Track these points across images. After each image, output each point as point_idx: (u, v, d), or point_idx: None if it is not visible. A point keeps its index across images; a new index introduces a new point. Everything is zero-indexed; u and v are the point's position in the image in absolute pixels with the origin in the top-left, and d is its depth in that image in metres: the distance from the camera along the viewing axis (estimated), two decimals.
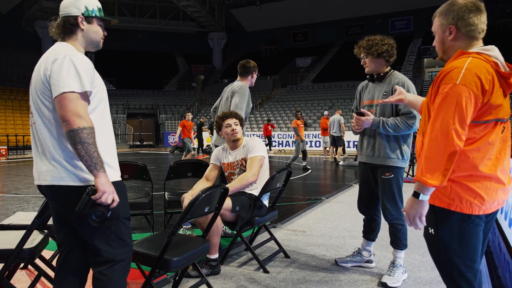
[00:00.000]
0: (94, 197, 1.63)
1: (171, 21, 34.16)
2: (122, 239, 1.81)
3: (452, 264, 1.66)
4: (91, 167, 1.65)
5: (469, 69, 1.53)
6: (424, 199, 1.60)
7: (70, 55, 1.72)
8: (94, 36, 1.90)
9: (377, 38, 2.87)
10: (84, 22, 1.85)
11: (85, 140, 1.63)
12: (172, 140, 24.12)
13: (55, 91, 1.66)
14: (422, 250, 3.59)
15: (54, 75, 1.68)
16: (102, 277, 1.77)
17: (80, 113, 1.64)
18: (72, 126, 1.62)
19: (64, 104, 1.64)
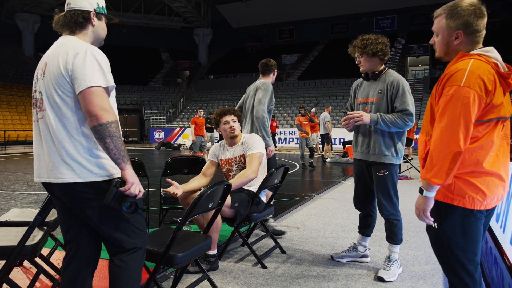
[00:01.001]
0: (123, 189, 1.66)
1: (156, 16, 33.76)
2: (139, 228, 1.86)
3: (455, 257, 1.73)
4: (119, 160, 1.67)
5: (472, 71, 1.59)
6: (428, 196, 1.67)
7: (91, 50, 1.73)
8: (101, 33, 1.93)
9: (371, 37, 2.92)
10: (95, 18, 1.87)
11: (114, 133, 1.65)
12: (157, 136, 23.91)
13: (80, 85, 1.66)
14: (415, 245, 3.68)
15: (78, 69, 1.67)
16: (122, 264, 1.82)
17: (107, 107, 1.66)
18: (101, 120, 1.63)
19: (91, 98, 1.64)
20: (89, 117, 1.66)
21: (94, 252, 1.93)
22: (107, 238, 1.85)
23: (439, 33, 1.76)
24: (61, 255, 3.12)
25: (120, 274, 1.83)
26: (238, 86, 30.40)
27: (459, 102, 1.58)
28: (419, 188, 1.70)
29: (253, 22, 34.56)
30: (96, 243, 1.92)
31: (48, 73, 1.75)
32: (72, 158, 1.72)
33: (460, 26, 1.68)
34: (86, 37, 1.86)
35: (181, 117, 27.40)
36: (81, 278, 1.86)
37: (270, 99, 3.91)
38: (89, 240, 1.89)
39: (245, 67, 32.43)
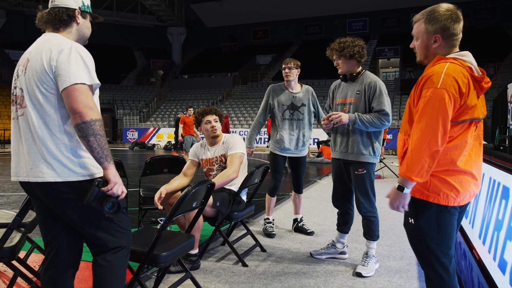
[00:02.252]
0: (106, 189, 1.64)
1: (129, 14, 33.10)
2: (124, 227, 1.85)
3: (430, 251, 1.82)
4: (102, 159, 1.65)
5: (447, 73, 1.68)
6: (407, 192, 1.75)
7: (76, 47, 1.70)
8: (86, 31, 1.91)
9: (348, 40, 3.01)
10: (80, 16, 1.84)
11: (98, 132, 1.63)
12: (131, 136, 23.49)
13: (64, 82, 1.63)
14: (390, 241, 3.81)
15: (63, 66, 1.64)
16: (106, 263, 1.79)
17: (91, 105, 1.64)
18: (85, 118, 1.61)
19: (75, 96, 1.62)
20: (73, 114, 1.63)
21: (75, 253, 1.89)
22: (90, 238, 1.83)
23: (419, 37, 1.84)
24: (37, 257, 3.05)
25: (104, 273, 1.82)
26: (213, 86, 30.28)
27: (437, 103, 1.66)
28: (398, 185, 1.75)
29: (227, 22, 34.50)
30: (77, 244, 1.89)
31: (30, 69, 1.72)
32: (53, 157, 1.69)
33: (438, 30, 1.77)
34: (70, 35, 1.83)
35: (155, 117, 27.03)
36: (62, 280, 1.83)
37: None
38: (69, 241, 1.86)
39: (219, 66, 32.33)
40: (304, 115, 3.86)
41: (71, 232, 1.85)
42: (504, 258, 2.51)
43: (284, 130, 3.87)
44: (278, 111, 3.89)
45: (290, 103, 3.87)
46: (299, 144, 3.88)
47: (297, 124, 3.86)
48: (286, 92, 3.92)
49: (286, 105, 3.87)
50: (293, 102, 3.87)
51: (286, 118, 3.86)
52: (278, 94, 3.93)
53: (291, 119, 3.85)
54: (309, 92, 3.95)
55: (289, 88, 3.94)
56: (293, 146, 3.87)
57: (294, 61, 3.92)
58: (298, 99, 3.88)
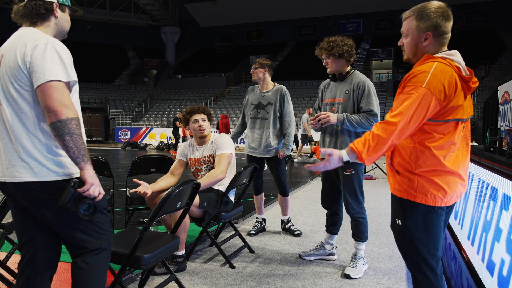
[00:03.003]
0: (82, 190, 1.58)
1: (122, 13, 32.90)
2: (104, 229, 1.79)
3: (418, 252, 1.79)
4: (79, 159, 1.60)
5: (434, 74, 1.65)
6: (345, 160, 1.70)
7: (52, 42, 1.64)
8: (65, 25, 1.84)
9: (337, 39, 2.98)
10: (58, 9, 1.78)
11: (73, 131, 1.58)
12: (123, 136, 23.33)
13: (38, 79, 1.57)
14: (379, 242, 3.78)
15: (37, 62, 1.58)
16: (85, 266, 1.74)
17: (67, 103, 1.58)
18: (60, 117, 1.55)
19: (50, 93, 1.56)
20: (48, 112, 1.57)
21: (53, 255, 1.84)
22: (68, 239, 1.77)
23: (409, 34, 1.79)
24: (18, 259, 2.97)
25: (83, 276, 1.76)
26: (206, 86, 30.20)
27: (416, 101, 1.62)
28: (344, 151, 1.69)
29: (221, 22, 34.43)
30: (54, 245, 1.83)
31: (4, 65, 1.66)
32: (30, 156, 1.64)
33: (430, 28, 1.72)
34: (48, 29, 1.76)
35: (148, 117, 26.88)
36: (38, 282, 1.77)
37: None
38: (46, 242, 1.80)
39: (213, 67, 32.25)
40: (269, 114, 3.80)
41: (48, 234, 1.80)
42: (492, 259, 2.49)
43: (249, 129, 3.92)
44: (247, 110, 3.96)
45: (257, 102, 3.88)
46: (263, 144, 3.81)
47: (261, 123, 3.82)
48: (257, 91, 3.94)
49: (254, 104, 3.89)
50: (261, 101, 3.86)
51: (252, 117, 3.88)
52: (250, 94, 4.00)
53: (256, 117, 3.85)
54: (278, 91, 3.87)
55: (260, 88, 3.94)
56: (257, 145, 3.84)
57: (260, 60, 3.90)
58: (265, 98, 3.85)
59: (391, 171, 1.86)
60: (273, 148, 3.83)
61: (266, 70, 3.87)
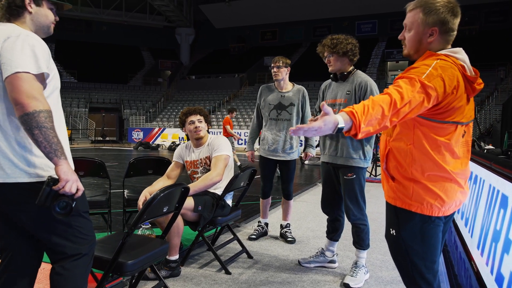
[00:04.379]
0: (57, 187, 1.48)
1: (137, 14, 33.23)
2: (84, 233, 1.70)
3: (413, 264, 1.66)
4: (51, 154, 1.50)
5: (436, 68, 1.50)
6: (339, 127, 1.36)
7: (25, 34, 1.57)
8: (43, 20, 1.74)
9: (341, 37, 2.85)
10: (33, 4, 1.69)
11: (43, 124, 1.47)
12: (136, 136, 23.51)
13: (6, 71, 1.49)
14: (384, 249, 3.63)
15: (6, 54, 1.51)
16: (64, 272, 1.66)
17: (36, 95, 1.48)
18: (27, 109, 1.45)
19: (17, 85, 1.47)
20: (15, 105, 1.48)
21: (33, 261, 1.76)
22: (46, 244, 1.69)
23: (413, 28, 1.64)
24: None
25: (61, 283, 1.67)
26: (220, 87, 30.22)
27: (416, 88, 1.44)
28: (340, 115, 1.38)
29: (236, 23, 34.45)
30: (34, 250, 1.76)
31: None
32: (3, 155, 1.56)
33: (437, 23, 1.57)
34: (25, 25, 1.69)
35: (161, 117, 27.04)
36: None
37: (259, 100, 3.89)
38: (26, 248, 1.73)
39: (227, 67, 32.27)
40: (292, 115, 3.66)
41: (28, 239, 1.73)
42: (502, 272, 2.33)
43: (268, 130, 3.71)
44: (265, 110, 3.74)
45: (277, 102, 3.69)
46: (286, 147, 3.67)
47: (283, 125, 3.66)
48: (275, 91, 3.75)
49: (273, 105, 3.70)
50: (281, 101, 3.69)
51: (272, 118, 3.69)
52: (266, 94, 3.78)
53: (277, 119, 3.67)
54: (300, 92, 3.74)
55: (278, 87, 3.75)
56: (280, 148, 3.67)
57: (283, 59, 3.71)
58: (286, 99, 3.68)
59: (386, 177, 1.73)
60: (294, 151, 3.72)
61: (289, 69, 3.75)
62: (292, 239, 3.83)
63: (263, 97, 3.79)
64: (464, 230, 3.80)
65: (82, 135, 25.47)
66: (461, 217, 4.13)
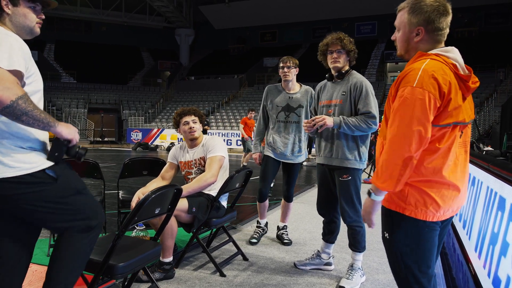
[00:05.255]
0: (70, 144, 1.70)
1: (137, 15, 33.23)
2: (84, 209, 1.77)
3: (407, 268, 1.63)
4: (46, 128, 1.60)
5: (425, 70, 1.49)
6: (375, 199, 1.59)
7: (4, 33, 1.56)
8: (22, 20, 1.69)
9: (344, 35, 2.83)
10: (10, 5, 1.65)
11: (26, 109, 1.49)
12: (135, 137, 23.47)
13: None
14: (381, 252, 3.59)
15: None
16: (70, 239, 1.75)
17: (7, 85, 1.44)
18: (5, 102, 1.44)
19: None
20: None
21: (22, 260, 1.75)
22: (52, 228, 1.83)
23: (400, 28, 1.65)
24: None
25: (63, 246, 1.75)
26: (219, 88, 30.19)
27: (412, 104, 1.48)
28: (367, 190, 1.60)
29: (235, 24, 34.45)
30: (23, 249, 1.75)
31: None
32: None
33: (422, 22, 1.57)
34: (6, 26, 1.67)
35: (160, 118, 27.01)
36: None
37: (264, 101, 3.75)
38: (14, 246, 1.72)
39: (226, 68, 32.25)
40: (301, 118, 3.54)
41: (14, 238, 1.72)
42: (498, 275, 2.30)
43: (277, 134, 3.58)
44: (272, 113, 3.60)
45: (285, 104, 3.56)
46: (295, 149, 3.58)
47: (292, 127, 3.54)
48: (283, 93, 3.61)
49: (281, 106, 3.56)
50: (289, 103, 3.56)
51: (280, 121, 3.56)
52: (274, 95, 3.64)
53: (286, 121, 3.54)
54: (308, 93, 3.60)
55: (286, 88, 3.62)
56: (288, 152, 3.57)
57: (292, 59, 3.58)
58: (295, 100, 3.56)
59: None
60: (302, 154, 3.63)
61: (297, 70, 3.63)
62: (288, 241, 3.78)
63: (270, 98, 3.64)
64: (462, 232, 3.77)
65: (81, 135, 25.42)
66: (459, 219, 4.09)
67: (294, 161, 3.63)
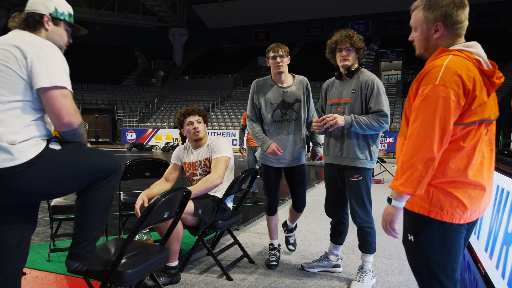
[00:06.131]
0: None
1: (130, 15, 32.98)
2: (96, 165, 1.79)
3: (432, 273, 1.56)
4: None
5: (448, 67, 1.43)
6: (396, 205, 1.52)
7: (54, 48, 1.67)
8: (57, 39, 1.83)
9: (354, 32, 2.77)
10: (50, 22, 1.80)
11: (81, 133, 1.74)
12: (129, 137, 23.27)
13: (41, 81, 1.57)
14: (388, 253, 3.54)
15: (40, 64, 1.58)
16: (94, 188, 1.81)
17: (75, 112, 1.65)
18: (74, 126, 1.66)
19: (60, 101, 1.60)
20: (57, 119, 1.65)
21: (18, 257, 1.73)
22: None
23: (417, 27, 1.59)
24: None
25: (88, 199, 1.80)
26: (214, 87, 30.06)
27: (434, 103, 1.41)
28: (387, 196, 1.53)
29: (229, 23, 34.34)
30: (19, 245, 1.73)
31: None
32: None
33: (439, 18, 1.52)
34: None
35: (155, 118, 26.84)
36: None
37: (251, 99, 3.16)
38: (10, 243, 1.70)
39: (221, 68, 32.13)
40: (299, 114, 3.02)
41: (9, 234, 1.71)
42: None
43: (274, 135, 3.03)
44: (267, 112, 3.01)
45: (280, 100, 3.00)
46: (295, 151, 3.06)
47: (290, 127, 3.01)
48: (275, 87, 3.03)
49: (276, 104, 2.99)
50: (284, 98, 3.00)
51: (276, 120, 3.01)
52: (264, 91, 3.05)
53: (281, 120, 3.00)
54: (303, 84, 3.07)
55: (278, 82, 3.04)
56: (288, 155, 3.05)
57: (283, 47, 3.01)
58: (290, 94, 3.01)
59: None
60: (303, 154, 3.16)
61: (289, 58, 3.06)
62: (293, 248, 3.56)
63: (261, 95, 3.05)
64: None
65: None
66: None
67: (296, 164, 3.13)
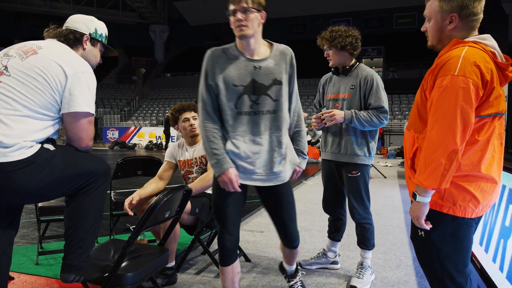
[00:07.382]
0: None
1: (110, 10, 32.27)
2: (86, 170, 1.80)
3: (444, 268, 1.55)
4: None
5: (466, 57, 1.41)
6: (421, 201, 1.49)
7: (92, 73, 1.77)
8: (92, 58, 1.92)
9: (341, 29, 2.71)
10: (89, 42, 1.88)
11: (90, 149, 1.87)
12: (111, 136, 22.84)
13: (74, 105, 1.67)
14: (384, 247, 3.55)
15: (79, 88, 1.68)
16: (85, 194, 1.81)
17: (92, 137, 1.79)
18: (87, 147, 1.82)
19: (86, 127, 1.75)
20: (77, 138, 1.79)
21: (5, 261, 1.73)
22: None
23: (431, 18, 1.57)
24: None
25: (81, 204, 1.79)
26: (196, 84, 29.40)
27: (454, 93, 1.39)
28: (412, 192, 1.50)
29: (211, 20, 34.01)
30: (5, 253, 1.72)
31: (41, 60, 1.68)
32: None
33: (455, 8, 1.49)
34: None
35: (136, 116, 26.44)
36: None
37: None
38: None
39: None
40: (279, 102, 1.95)
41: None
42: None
43: (239, 136, 1.93)
44: (227, 99, 1.93)
45: (249, 80, 1.93)
46: (276, 161, 1.96)
47: (265, 123, 1.94)
48: (241, 59, 1.97)
49: (243, 86, 1.92)
50: (255, 78, 1.93)
51: (243, 112, 1.93)
52: (223, 65, 1.96)
53: (253, 112, 1.92)
54: (286, 56, 2.04)
55: (246, 52, 1.99)
56: (261, 165, 1.95)
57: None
58: (265, 72, 1.95)
59: (413, 176, 1.61)
60: (287, 166, 2.04)
61: (263, 15, 2.06)
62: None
63: (218, 72, 1.95)
64: None
65: None
66: None
67: (275, 182, 2.01)
